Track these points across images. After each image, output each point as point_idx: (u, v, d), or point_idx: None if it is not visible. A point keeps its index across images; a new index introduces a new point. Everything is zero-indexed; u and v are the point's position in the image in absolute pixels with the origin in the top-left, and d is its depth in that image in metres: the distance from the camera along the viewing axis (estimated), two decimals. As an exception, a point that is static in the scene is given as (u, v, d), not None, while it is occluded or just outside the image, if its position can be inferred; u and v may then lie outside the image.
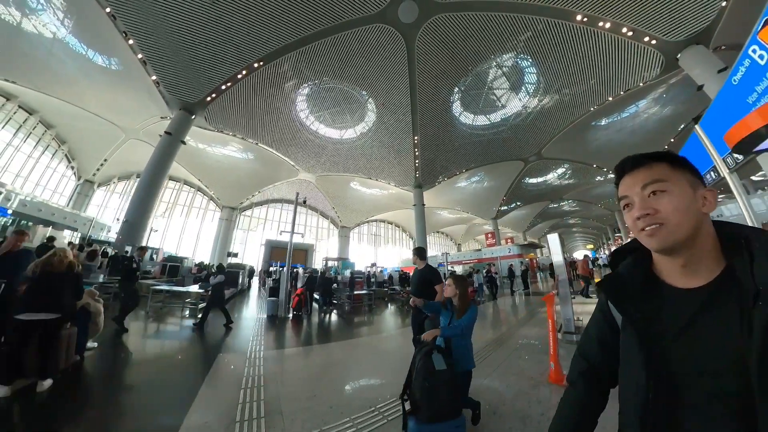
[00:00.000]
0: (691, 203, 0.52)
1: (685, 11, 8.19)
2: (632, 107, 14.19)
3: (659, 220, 0.52)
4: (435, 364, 1.76)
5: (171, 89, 12.12)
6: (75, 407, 2.24)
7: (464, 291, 2.22)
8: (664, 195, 0.53)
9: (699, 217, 0.52)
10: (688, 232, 0.51)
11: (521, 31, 10.10)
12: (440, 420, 1.68)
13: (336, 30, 10.10)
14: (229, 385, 2.72)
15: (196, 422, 2.07)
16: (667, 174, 0.54)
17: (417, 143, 15.65)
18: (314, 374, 3.23)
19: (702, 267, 0.52)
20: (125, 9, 9.42)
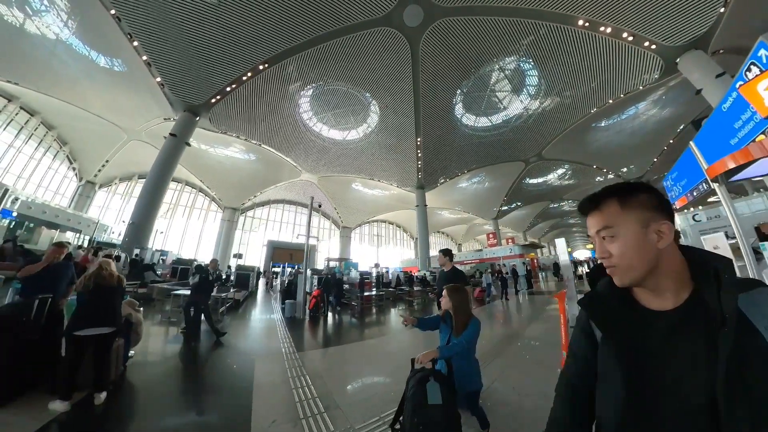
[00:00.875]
0: (640, 243, 0.54)
1: (684, 17, 8.43)
2: (632, 109, 14.45)
3: (612, 263, 0.57)
4: (428, 397, 1.42)
5: (176, 91, 12.23)
6: (134, 417, 2.34)
7: (462, 303, 1.95)
8: (613, 240, 0.56)
9: (653, 253, 0.54)
10: (641, 271, 0.54)
11: (524, 36, 10.32)
12: None
13: (341, 33, 10.27)
14: (279, 385, 2.89)
15: (263, 422, 2.19)
16: (615, 217, 0.57)
17: (420, 144, 15.86)
18: (353, 371, 3.46)
19: (668, 293, 0.56)
20: (130, 11, 9.51)
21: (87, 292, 2.41)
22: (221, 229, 22.42)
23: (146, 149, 19.12)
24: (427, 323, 2.11)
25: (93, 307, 2.40)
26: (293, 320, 6.21)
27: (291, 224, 26.10)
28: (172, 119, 14.51)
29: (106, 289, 2.48)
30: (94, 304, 2.41)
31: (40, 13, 10.85)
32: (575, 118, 14.57)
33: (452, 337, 1.89)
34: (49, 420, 2.02)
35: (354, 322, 6.50)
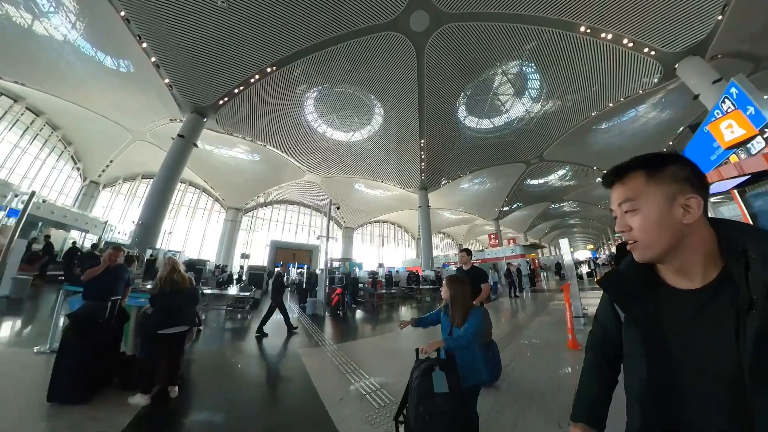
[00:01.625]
0: (663, 218, 0.52)
1: (683, 25, 8.76)
2: (632, 111, 14.78)
3: (633, 237, 0.55)
4: (434, 385, 1.41)
5: (184, 92, 12.43)
6: (210, 407, 2.49)
7: (460, 293, 1.90)
8: (635, 213, 0.55)
9: (678, 230, 0.52)
10: (662, 247, 0.53)
11: (527, 41, 10.63)
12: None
13: (349, 37, 10.54)
14: (331, 371, 3.19)
15: (332, 401, 2.41)
16: (639, 190, 0.55)
17: (423, 146, 16.16)
18: (391, 357, 3.75)
19: (695, 272, 0.53)
20: (140, 13, 9.66)
21: (165, 294, 2.57)
22: (224, 229, 22.63)
23: (150, 150, 19.34)
24: (427, 320, 2.08)
25: (171, 307, 2.57)
26: (316, 317, 6.59)
27: (294, 224, 26.34)
28: (178, 120, 14.73)
29: (181, 291, 2.66)
30: (172, 305, 2.58)
31: (49, 14, 11.01)
32: (576, 121, 14.89)
33: (453, 328, 1.83)
34: (135, 413, 2.20)
35: (373, 317, 6.95)
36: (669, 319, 0.55)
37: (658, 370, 0.54)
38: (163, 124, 16.39)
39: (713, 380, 0.49)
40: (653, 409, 0.54)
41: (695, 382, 0.51)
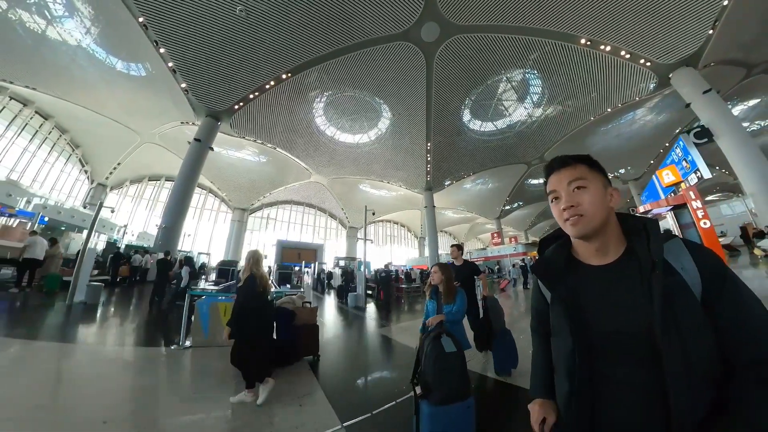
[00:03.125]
0: (603, 199, 0.67)
1: (677, 39, 9.58)
2: (629, 115, 15.64)
3: (580, 211, 0.66)
4: (444, 347, 1.82)
5: (200, 97, 12.82)
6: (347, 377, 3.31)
7: (449, 277, 2.42)
8: (584, 191, 0.67)
9: (608, 210, 0.67)
10: (600, 221, 0.65)
11: (530, 51, 11.39)
12: (452, 401, 1.72)
13: (363, 46, 11.16)
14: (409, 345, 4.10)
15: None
16: (586, 174, 0.68)
17: (429, 149, 16.89)
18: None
19: (611, 248, 0.68)
20: (159, 19, 9.93)
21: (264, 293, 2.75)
22: (231, 229, 23.17)
23: (158, 152, 19.78)
24: (428, 314, 2.49)
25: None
26: (359, 308, 7.58)
27: (299, 224, 26.95)
28: (191, 123, 15.22)
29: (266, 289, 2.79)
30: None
31: (63, 19, 11.27)
32: (576, 125, 15.73)
33: (443, 306, 2.33)
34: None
35: (408, 307, 8.18)
36: (588, 292, 0.67)
37: (582, 338, 0.64)
38: (173, 127, 16.81)
39: (629, 338, 0.59)
40: (580, 375, 0.63)
41: (614, 343, 0.61)
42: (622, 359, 0.61)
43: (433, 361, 1.79)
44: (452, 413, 1.70)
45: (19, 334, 3.82)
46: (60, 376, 2.93)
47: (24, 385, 2.49)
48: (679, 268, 0.61)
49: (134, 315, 5.89)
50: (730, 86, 12.60)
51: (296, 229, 26.64)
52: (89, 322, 4.91)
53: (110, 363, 3.27)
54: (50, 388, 2.60)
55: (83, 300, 6.07)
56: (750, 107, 15.50)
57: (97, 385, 2.65)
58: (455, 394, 1.74)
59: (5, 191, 12.65)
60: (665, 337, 0.54)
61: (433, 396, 1.73)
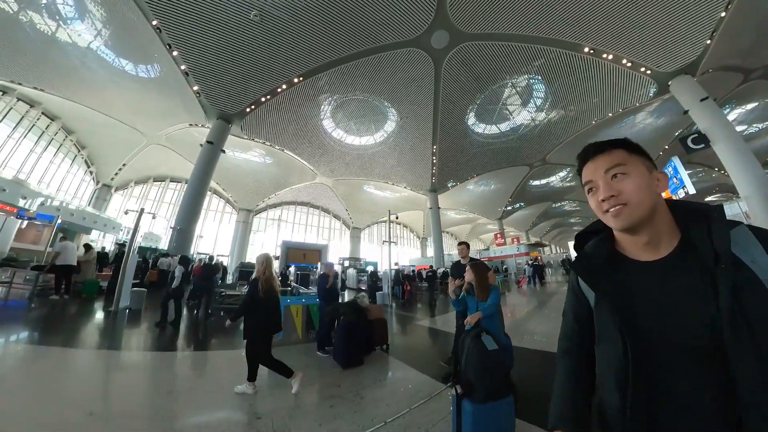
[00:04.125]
0: (648, 184, 0.60)
1: (676, 48, 10.16)
2: (630, 119, 16.25)
3: (622, 200, 0.59)
4: (487, 345, 1.85)
5: (212, 100, 13.01)
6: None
7: (483, 276, 2.51)
8: (625, 177, 0.60)
9: (655, 197, 0.60)
10: (647, 210, 0.58)
11: (535, 59, 11.93)
12: (494, 399, 1.73)
13: (375, 51, 11.55)
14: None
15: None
16: (626, 158, 0.62)
17: (435, 151, 17.40)
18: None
19: (662, 241, 0.60)
20: (172, 22, 9.92)
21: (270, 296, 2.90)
22: (236, 230, 23.49)
23: (163, 153, 20.08)
24: (462, 305, 2.73)
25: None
26: (387, 306, 8.30)
27: (302, 225, 27.33)
28: (200, 125, 15.53)
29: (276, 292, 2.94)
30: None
31: (74, 21, 11.35)
32: (577, 129, 16.32)
33: (478, 303, 2.42)
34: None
35: (428, 303, 8.92)
36: (639, 290, 0.60)
37: (634, 343, 0.56)
38: (181, 128, 17.09)
39: (689, 345, 0.51)
40: (634, 385, 0.55)
41: (672, 351, 0.53)
42: (681, 369, 0.52)
43: (476, 359, 1.81)
44: (494, 411, 1.72)
45: (91, 344, 3.94)
46: (162, 384, 3.05)
47: (140, 394, 2.65)
48: (749, 260, 0.53)
49: (188, 320, 5.88)
50: (727, 91, 13.20)
51: (300, 229, 27.02)
52: (149, 329, 4.95)
53: (205, 368, 3.50)
54: (162, 394, 2.72)
55: (128, 306, 6.09)
56: (747, 111, 16.13)
57: (204, 390, 2.85)
58: (497, 392, 1.76)
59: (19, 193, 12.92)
60: (736, 344, 0.47)
61: (475, 394, 1.74)
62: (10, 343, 3.74)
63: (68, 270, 6.61)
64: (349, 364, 3.47)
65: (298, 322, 4.39)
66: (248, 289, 2.82)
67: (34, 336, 4.03)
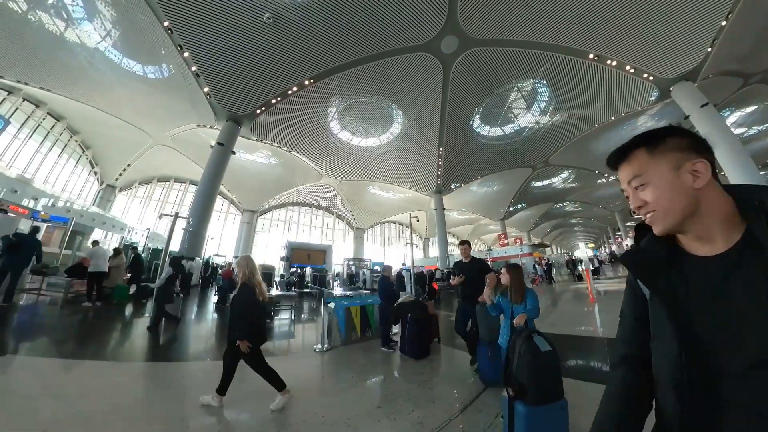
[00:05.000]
0: (673, 185, 0.55)
1: (678, 56, 10.64)
2: (632, 121, 16.76)
3: (650, 209, 0.58)
4: (540, 347, 1.84)
5: (222, 101, 13.10)
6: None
7: (520, 277, 2.51)
8: (645, 187, 0.58)
9: (691, 195, 0.54)
10: (680, 213, 0.54)
11: (542, 64, 12.36)
12: (548, 402, 1.72)
13: (385, 55, 11.88)
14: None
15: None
16: (644, 165, 0.59)
17: (441, 153, 17.81)
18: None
19: (717, 236, 0.54)
20: (184, 24, 9.95)
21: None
22: (240, 231, 23.72)
23: (168, 153, 20.28)
24: (498, 310, 2.69)
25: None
26: None
27: (306, 226, 27.60)
28: (208, 126, 15.76)
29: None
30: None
31: (83, 22, 11.39)
32: (580, 131, 16.81)
33: (513, 306, 2.46)
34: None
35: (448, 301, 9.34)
36: (696, 288, 0.55)
37: (690, 344, 0.52)
38: (187, 129, 17.30)
39: (755, 349, 0.46)
40: (688, 390, 0.51)
41: (731, 355, 0.49)
42: (741, 378, 0.48)
43: (529, 361, 1.80)
44: (548, 413, 1.71)
45: (158, 356, 3.87)
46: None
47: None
48: None
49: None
50: (728, 95, 13.72)
51: (304, 230, 27.30)
52: (203, 335, 4.95)
53: (291, 371, 3.44)
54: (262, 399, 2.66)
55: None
56: (747, 114, 16.69)
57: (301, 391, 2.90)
58: (551, 394, 1.76)
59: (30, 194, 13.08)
60: None
61: (529, 396, 1.73)
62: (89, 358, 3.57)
63: (100, 276, 6.62)
64: (422, 355, 3.95)
65: (357, 322, 4.75)
66: (237, 298, 2.54)
67: (101, 351, 3.94)
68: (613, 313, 0.90)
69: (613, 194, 27.58)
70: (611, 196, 28.00)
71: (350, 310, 4.70)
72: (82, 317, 5.70)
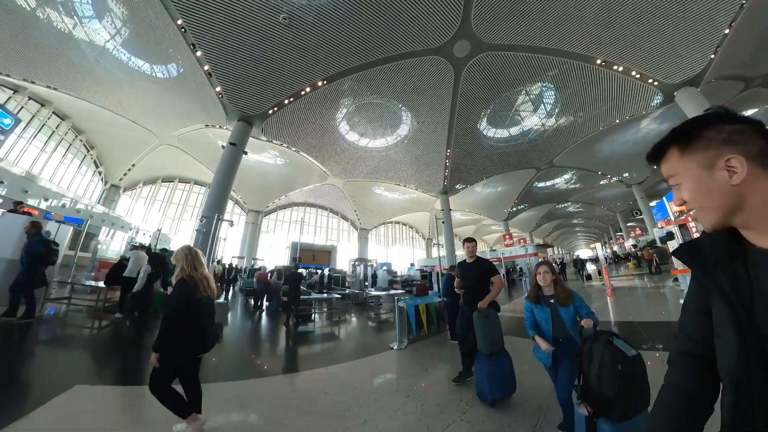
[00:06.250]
0: (706, 185, 0.54)
1: (682, 62, 11.18)
2: (635, 124, 17.35)
3: (689, 207, 0.58)
4: (626, 352, 1.59)
5: (234, 101, 13.13)
6: None
7: (560, 276, 2.28)
8: (680, 187, 0.58)
9: (729, 192, 0.53)
10: (719, 213, 0.53)
11: (550, 68, 12.84)
12: (636, 414, 1.49)
13: (400, 58, 12.20)
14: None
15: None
16: (676, 165, 0.58)
17: (449, 155, 18.23)
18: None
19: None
20: (198, 22, 9.91)
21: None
22: (245, 232, 23.87)
23: (174, 153, 20.40)
24: (531, 323, 2.29)
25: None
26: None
27: (312, 226, 27.82)
28: (217, 126, 15.92)
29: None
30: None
31: (92, 20, 11.36)
32: (585, 134, 17.36)
33: (560, 309, 2.14)
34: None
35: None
36: (759, 282, 0.53)
37: (748, 342, 0.51)
38: (195, 129, 17.42)
39: None
40: (746, 390, 0.50)
41: None
42: None
43: (616, 370, 1.55)
44: (636, 428, 1.47)
45: (255, 372, 3.68)
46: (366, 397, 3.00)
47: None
48: None
49: (287, 330, 6.08)
50: (729, 98, 14.28)
51: (309, 230, 27.52)
52: (272, 344, 5.07)
53: (385, 371, 3.73)
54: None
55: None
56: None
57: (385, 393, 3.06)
58: (640, 406, 1.51)
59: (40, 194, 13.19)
60: None
61: (614, 411, 1.50)
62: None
63: (131, 283, 6.10)
64: None
65: (425, 319, 5.17)
66: (173, 296, 2.12)
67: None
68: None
69: (615, 195, 28.25)
70: (613, 196, 28.65)
71: (419, 308, 5.08)
72: (135, 332, 5.22)
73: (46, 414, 2.30)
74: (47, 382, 2.92)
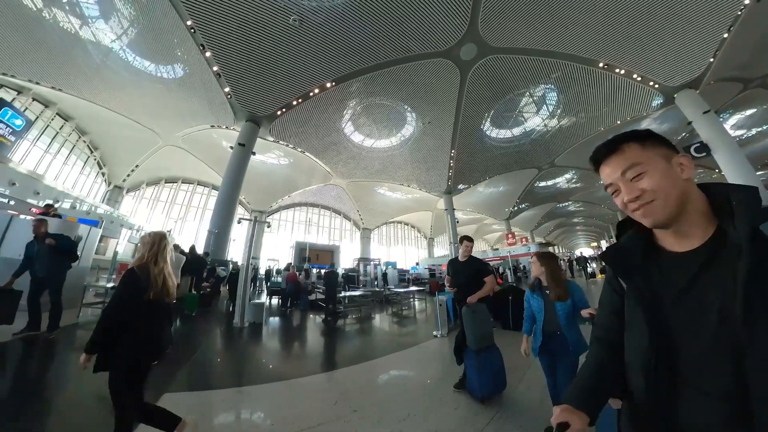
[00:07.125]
0: (670, 175, 0.60)
1: (683, 66, 11.63)
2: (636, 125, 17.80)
3: (648, 198, 0.59)
4: None
5: (243, 102, 13.35)
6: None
7: (557, 267, 2.08)
8: (644, 176, 0.60)
9: (682, 185, 0.59)
10: (676, 203, 0.58)
11: (554, 71, 13.27)
12: None
13: (407, 60, 12.54)
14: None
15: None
16: (639, 155, 0.62)
17: (453, 156, 18.63)
18: None
19: (695, 230, 0.59)
20: (207, 23, 9.97)
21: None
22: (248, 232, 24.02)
23: (178, 154, 20.56)
24: (529, 316, 2.22)
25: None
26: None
27: (315, 226, 28.09)
28: (223, 127, 16.09)
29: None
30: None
31: (98, 21, 11.38)
32: (586, 134, 17.83)
33: (554, 303, 1.99)
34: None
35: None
36: (670, 284, 0.61)
37: (659, 337, 0.58)
38: (200, 130, 17.59)
39: (713, 340, 0.52)
40: (656, 378, 0.58)
41: (697, 345, 0.55)
42: (705, 366, 0.54)
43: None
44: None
45: (294, 372, 3.63)
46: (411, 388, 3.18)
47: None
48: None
49: (331, 325, 6.41)
50: (728, 99, 14.80)
51: (311, 230, 27.78)
52: (315, 342, 5.21)
53: (436, 362, 4.16)
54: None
55: (251, 320, 6.04)
56: (747, 116, 17.84)
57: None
58: None
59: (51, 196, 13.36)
60: (749, 340, 0.47)
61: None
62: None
63: None
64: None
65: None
66: (120, 288, 1.76)
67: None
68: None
69: (614, 194, 28.67)
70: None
71: (454, 301, 5.57)
72: (184, 335, 5.09)
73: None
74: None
